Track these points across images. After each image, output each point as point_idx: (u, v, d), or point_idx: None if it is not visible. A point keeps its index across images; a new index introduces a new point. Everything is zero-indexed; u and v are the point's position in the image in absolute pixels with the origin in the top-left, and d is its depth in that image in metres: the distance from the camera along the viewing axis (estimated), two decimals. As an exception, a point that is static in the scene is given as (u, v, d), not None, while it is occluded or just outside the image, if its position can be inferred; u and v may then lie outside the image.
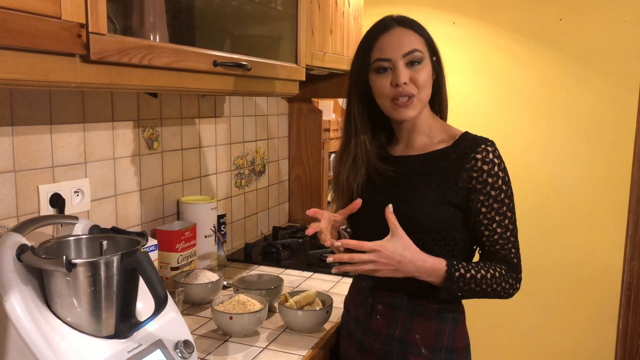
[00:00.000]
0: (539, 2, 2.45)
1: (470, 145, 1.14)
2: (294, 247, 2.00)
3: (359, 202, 1.18)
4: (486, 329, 2.66)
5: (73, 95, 1.32)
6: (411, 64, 1.14)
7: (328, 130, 2.52)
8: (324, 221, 1.17)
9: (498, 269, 1.12)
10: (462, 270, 1.10)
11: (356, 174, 1.23)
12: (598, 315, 2.51)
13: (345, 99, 1.29)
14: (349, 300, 1.32)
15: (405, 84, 1.13)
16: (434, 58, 1.20)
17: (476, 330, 2.51)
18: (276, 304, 1.43)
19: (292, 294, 1.41)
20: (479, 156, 1.12)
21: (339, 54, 2.03)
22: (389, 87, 1.16)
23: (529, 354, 2.65)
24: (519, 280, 1.16)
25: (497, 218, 1.13)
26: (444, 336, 1.16)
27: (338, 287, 1.66)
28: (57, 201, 1.27)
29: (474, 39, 2.58)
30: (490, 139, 1.16)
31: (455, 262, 1.10)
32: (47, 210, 1.26)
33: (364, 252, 1.07)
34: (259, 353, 1.23)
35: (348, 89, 1.25)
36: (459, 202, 1.13)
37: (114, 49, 0.94)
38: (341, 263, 1.08)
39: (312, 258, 1.88)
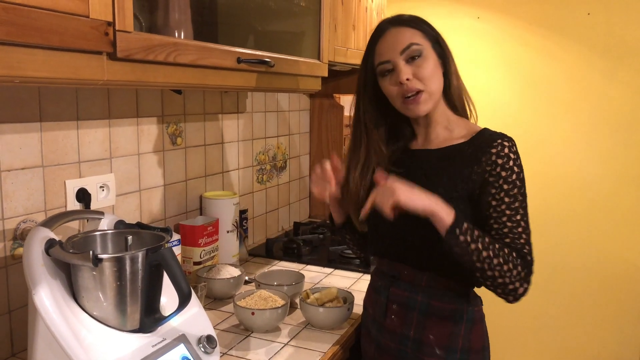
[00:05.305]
0: (567, -5, 2.40)
1: (487, 140, 1.12)
2: (314, 242, 2.01)
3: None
4: (509, 328, 2.63)
5: (99, 92, 1.34)
6: (411, 59, 1.13)
7: (349, 126, 2.51)
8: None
9: (507, 249, 1.06)
10: (469, 225, 1.05)
11: (362, 179, 1.22)
12: (623, 315, 2.46)
13: (354, 106, 1.29)
14: (367, 298, 1.32)
15: (408, 80, 1.13)
16: (438, 48, 1.16)
17: (499, 329, 2.48)
18: (297, 300, 1.43)
19: (314, 290, 1.41)
20: (494, 150, 1.10)
21: (362, 50, 1.99)
22: (395, 88, 1.15)
23: (552, 354, 2.62)
24: (528, 277, 1.07)
25: (507, 212, 1.08)
26: (459, 337, 1.15)
27: (359, 284, 1.65)
28: (83, 196, 1.29)
29: (499, 34, 2.54)
30: (509, 135, 1.13)
31: (462, 217, 1.06)
32: (73, 204, 1.28)
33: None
34: (280, 349, 1.23)
35: (356, 97, 1.26)
36: (471, 196, 1.11)
37: (140, 47, 0.94)
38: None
39: (333, 254, 1.88)
